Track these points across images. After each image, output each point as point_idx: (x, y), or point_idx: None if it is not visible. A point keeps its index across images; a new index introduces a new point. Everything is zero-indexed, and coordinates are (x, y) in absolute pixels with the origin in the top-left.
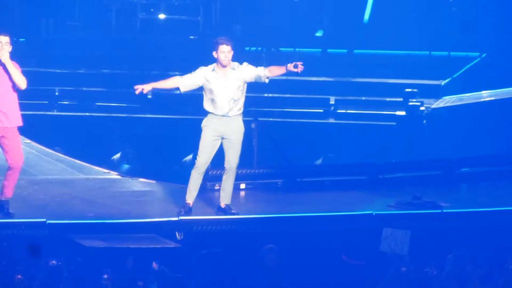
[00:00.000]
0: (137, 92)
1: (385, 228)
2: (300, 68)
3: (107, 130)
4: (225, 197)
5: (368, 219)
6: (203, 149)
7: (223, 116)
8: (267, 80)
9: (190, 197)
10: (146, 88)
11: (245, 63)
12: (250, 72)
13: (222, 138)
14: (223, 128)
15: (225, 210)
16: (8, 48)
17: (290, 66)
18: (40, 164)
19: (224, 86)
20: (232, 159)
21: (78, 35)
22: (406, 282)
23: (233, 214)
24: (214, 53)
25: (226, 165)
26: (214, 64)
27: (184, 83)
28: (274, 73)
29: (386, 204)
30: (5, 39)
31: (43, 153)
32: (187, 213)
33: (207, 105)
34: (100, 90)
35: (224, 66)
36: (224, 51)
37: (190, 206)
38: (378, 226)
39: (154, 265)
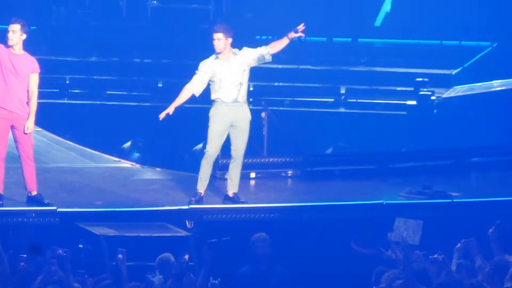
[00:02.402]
0: (161, 118)
1: (397, 218)
2: (301, 28)
3: (118, 118)
4: (232, 186)
5: (379, 209)
6: (213, 139)
7: (233, 102)
8: (270, 58)
9: (201, 186)
10: (170, 110)
11: (244, 48)
12: (252, 54)
13: (231, 126)
14: (232, 115)
15: (233, 199)
16: (20, 36)
17: (292, 34)
18: (51, 152)
19: (229, 72)
20: (240, 146)
21: (89, 23)
22: (415, 271)
23: (242, 202)
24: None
25: (233, 153)
26: (214, 54)
27: (196, 88)
28: (276, 47)
29: (396, 194)
30: (13, 27)
31: (54, 141)
32: (198, 202)
33: (214, 94)
34: (111, 79)
35: (218, 53)
36: (214, 39)
37: (202, 195)
38: (389, 215)
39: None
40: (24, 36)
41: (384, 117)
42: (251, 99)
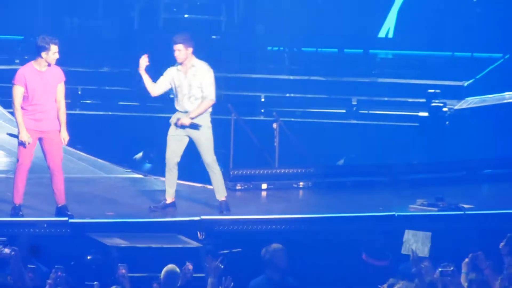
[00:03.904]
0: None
1: (406, 230)
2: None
3: (129, 129)
4: (216, 194)
5: (390, 220)
6: (167, 143)
7: (185, 112)
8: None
9: (166, 193)
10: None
11: (206, 68)
12: (202, 79)
13: (189, 136)
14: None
15: (219, 207)
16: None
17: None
18: (62, 163)
19: (184, 83)
20: (203, 155)
21: (101, 34)
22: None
23: (222, 211)
24: None
25: (204, 162)
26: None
27: (155, 86)
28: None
29: (408, 205)
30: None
31: (65, 152)
32: (160, 208)
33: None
34: (123, 89)
35: (179, 64)
36: (175, 50)
37: (166, 203)
38: (400, 227)
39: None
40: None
41: (396, 128)
42: (262, 110)
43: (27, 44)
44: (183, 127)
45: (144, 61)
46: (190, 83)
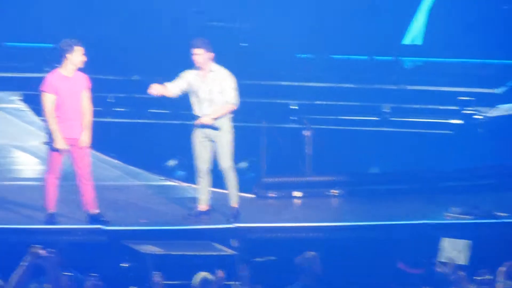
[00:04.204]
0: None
1: (443, 238)
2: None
3: (162, 136)
4: (230, 201)
5: (424, 228)
6: (194, 152)
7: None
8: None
9: (199, 201)
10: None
11: (226, 74)
12: (222, 85)
13: (210, 141)
14: (206, 130)
15: (229, 213)
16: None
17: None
18: (95, 171)
19: (202, 88)
20: (220, 160)
21: (131, 42)
22: None
23: (230, 218)
24: None
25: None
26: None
27: (171, 85)
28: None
29: (442, 213)
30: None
31: (99, 159)
32: (194, 216)
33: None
34: (154, 97)
35: (198, 68)
36: (194, 54)
37: (200, 210)
38: (434, 235)
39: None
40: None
41: (429, 136)
42: (293, 118)
43: (57, 52)
44: (202, 128)
45: (155, 90)
46: (210, 88)
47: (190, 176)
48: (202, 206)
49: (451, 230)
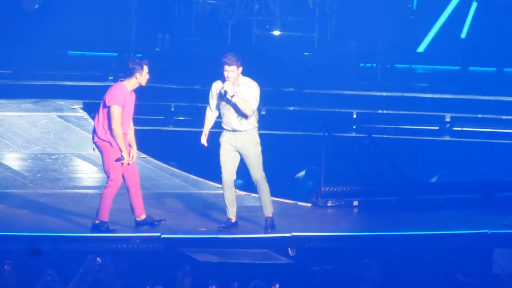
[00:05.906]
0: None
1: (495, 249)
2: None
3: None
4: (264, 209)
5: (483, 238)
6: (221, 163)
7: (232, 130)
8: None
9: (228, 212)
10: (204, 143)
11: (254, 85)
12: (248, 93)
13: (239, 153)
14: (234, 142)
15: (264, 223)
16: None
17: None
18: (155, 179)
19: (228, 100)
20: (251, 171)
21: (194, 51)
22: None
23: (267, 228)
24: None
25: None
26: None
27: (212, 111)
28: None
29: (501, 223)
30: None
31: (158, 168)
32: (227, 228)
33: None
34: None
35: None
36: (227, 71)
37: (232, 221)
38: (493, 245)
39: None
40: None
41: (489, 145)
42: (354, 127)
43: (121, 61)
44: (230, 140)
45: (205, 142)
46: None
47: (248, 184)
48: (234, 217)
49: (510, 240)
